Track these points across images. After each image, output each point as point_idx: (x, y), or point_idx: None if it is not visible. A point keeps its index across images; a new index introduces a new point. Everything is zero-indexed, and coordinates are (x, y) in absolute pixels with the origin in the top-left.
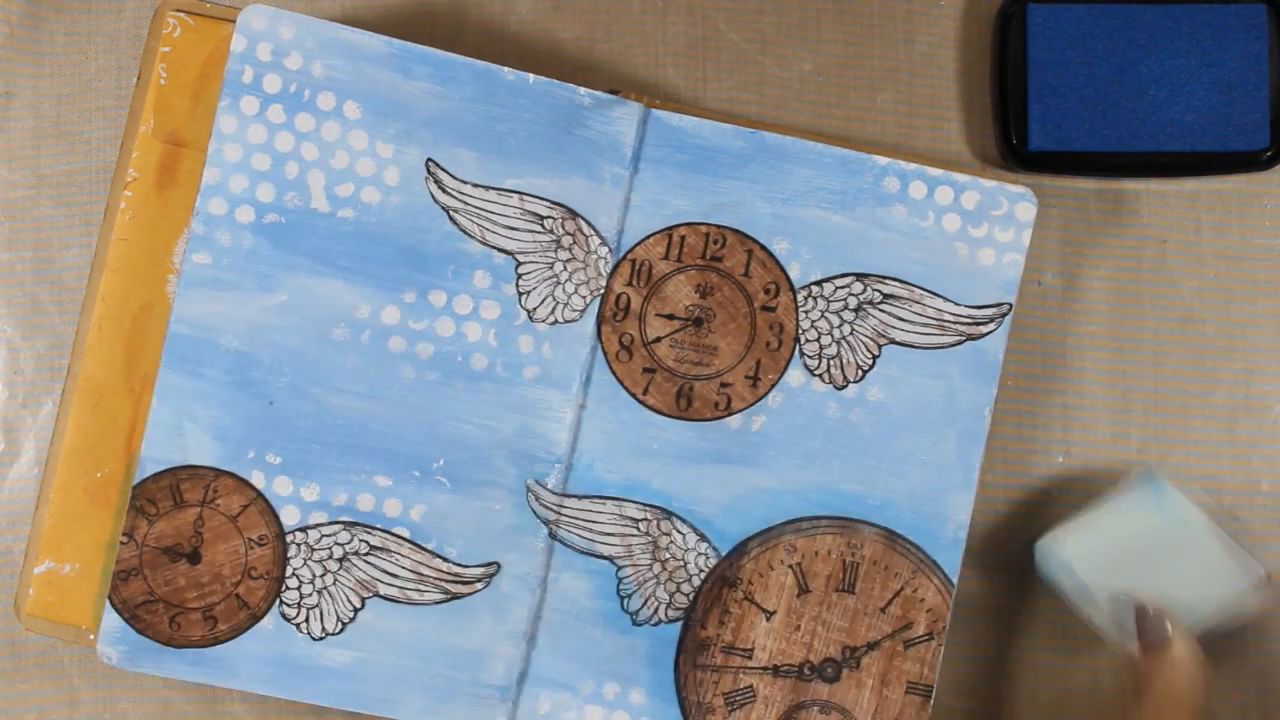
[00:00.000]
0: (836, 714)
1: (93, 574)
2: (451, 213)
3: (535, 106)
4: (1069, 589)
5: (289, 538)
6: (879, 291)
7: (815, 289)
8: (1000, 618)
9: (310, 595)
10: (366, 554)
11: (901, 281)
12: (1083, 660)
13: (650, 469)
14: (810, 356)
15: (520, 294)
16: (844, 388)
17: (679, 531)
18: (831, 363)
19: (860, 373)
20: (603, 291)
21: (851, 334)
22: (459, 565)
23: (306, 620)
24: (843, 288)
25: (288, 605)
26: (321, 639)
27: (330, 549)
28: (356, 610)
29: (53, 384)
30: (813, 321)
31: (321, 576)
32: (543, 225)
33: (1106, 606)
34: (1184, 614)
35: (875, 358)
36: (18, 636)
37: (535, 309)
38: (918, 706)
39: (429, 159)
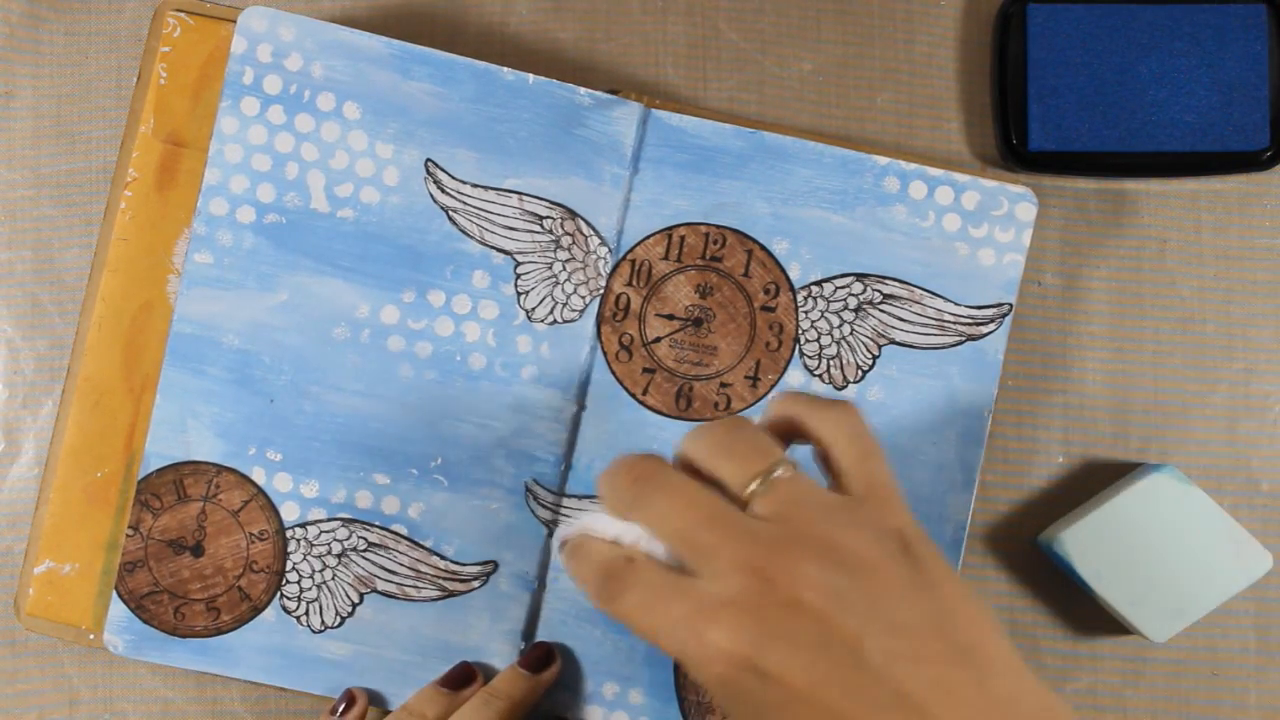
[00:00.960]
0: None
1: (92, 574)
2: (451, 213)
3: (535, 107)
4: (1082, 574)
5: (289, 533)
6: (879, 292)
7: (815, 289)
8: (999, 617)
9: (310, 589)
10: (364, 550)
11: (901, 281)
12: (1083, 660)
13: None
14: (810, 357)
15: (519, 294)
16: (844, 388)
17: None
18: (831, 363)
19: (860, 373)
20: (602, 291)
21: (851, 334)
22: (456, 563)
23: (306, 613)
24: (843, 288)
25: (288, 598)
26: (321, 631)
27: (329, 545)
28: (355, 605)
29: (53, 384)
30: (812, 322)
31: (321, 571)
32: (542, 225)
33: (1120, 588)
34: (1193, 598)
35: (875, 358)
36: (18, 636)
37: (534, 309)
38: None
39: (428, 159)
